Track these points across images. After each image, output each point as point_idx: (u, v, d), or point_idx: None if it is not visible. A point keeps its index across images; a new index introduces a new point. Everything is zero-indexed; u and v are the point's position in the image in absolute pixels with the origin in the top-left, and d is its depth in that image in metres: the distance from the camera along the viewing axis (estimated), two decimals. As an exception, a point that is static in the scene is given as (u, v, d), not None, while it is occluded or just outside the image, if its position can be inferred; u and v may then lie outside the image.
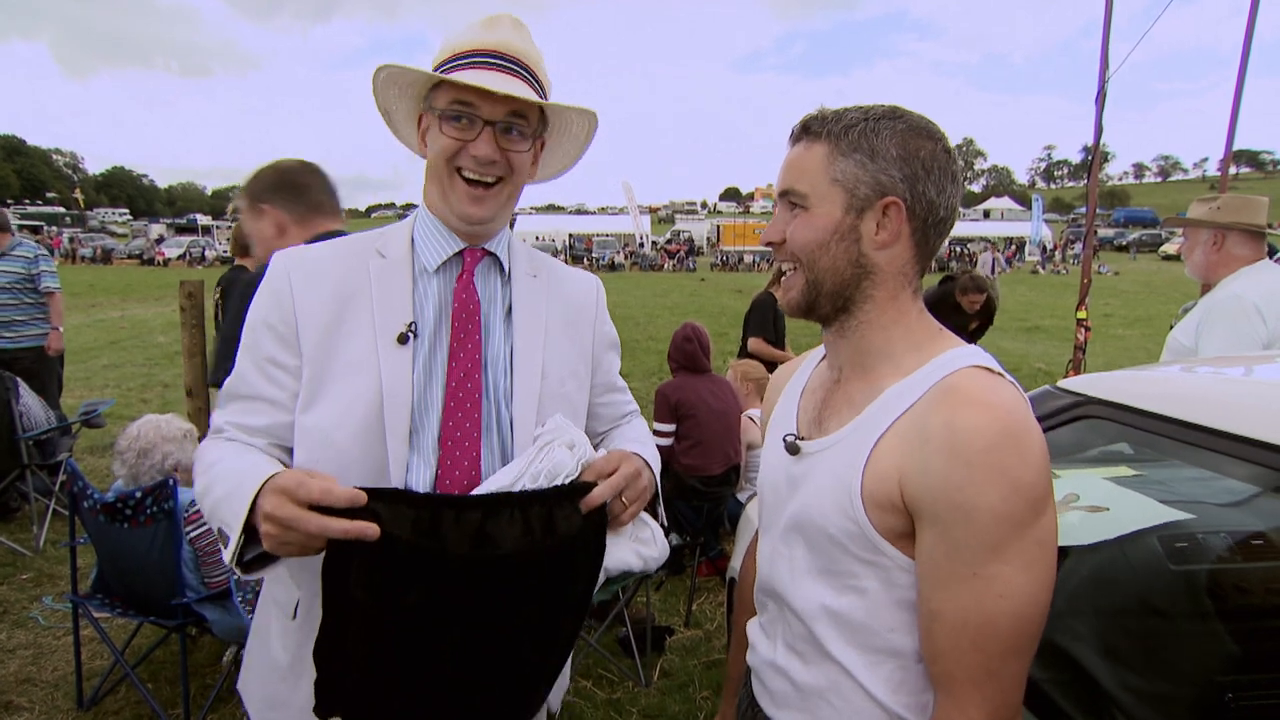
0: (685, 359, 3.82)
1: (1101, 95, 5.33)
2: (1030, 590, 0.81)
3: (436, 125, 1.07)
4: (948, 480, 0.81)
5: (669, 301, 19.08)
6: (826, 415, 1.00)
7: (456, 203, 1.08)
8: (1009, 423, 0.81)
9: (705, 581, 3.88)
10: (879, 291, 0.94)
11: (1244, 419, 1.13)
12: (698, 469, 3.70)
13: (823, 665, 0.96)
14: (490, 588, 1.00)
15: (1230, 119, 5.43)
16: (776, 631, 1.05)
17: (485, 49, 1.06)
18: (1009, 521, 0.79)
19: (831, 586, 0.94)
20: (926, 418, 0.85)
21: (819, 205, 0.92)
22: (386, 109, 1.15)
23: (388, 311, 1.07)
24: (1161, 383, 1.41)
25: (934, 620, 0.85)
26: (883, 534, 0.88)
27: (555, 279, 1.23)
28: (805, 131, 0.95)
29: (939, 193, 0.91)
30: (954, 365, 0.88)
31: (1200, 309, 2.52)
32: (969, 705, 0.83)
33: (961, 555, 0.81)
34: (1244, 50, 5.31)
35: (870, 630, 0.91)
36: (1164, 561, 1.61)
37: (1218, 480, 1.48)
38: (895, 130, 0.90)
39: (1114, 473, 1.76)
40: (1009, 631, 0.81)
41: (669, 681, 3.02)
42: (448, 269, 1.13)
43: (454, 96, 1.04)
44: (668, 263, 36.86)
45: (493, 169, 1.07)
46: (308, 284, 1.07)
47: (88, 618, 2.63)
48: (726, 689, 1.32)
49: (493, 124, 1.05)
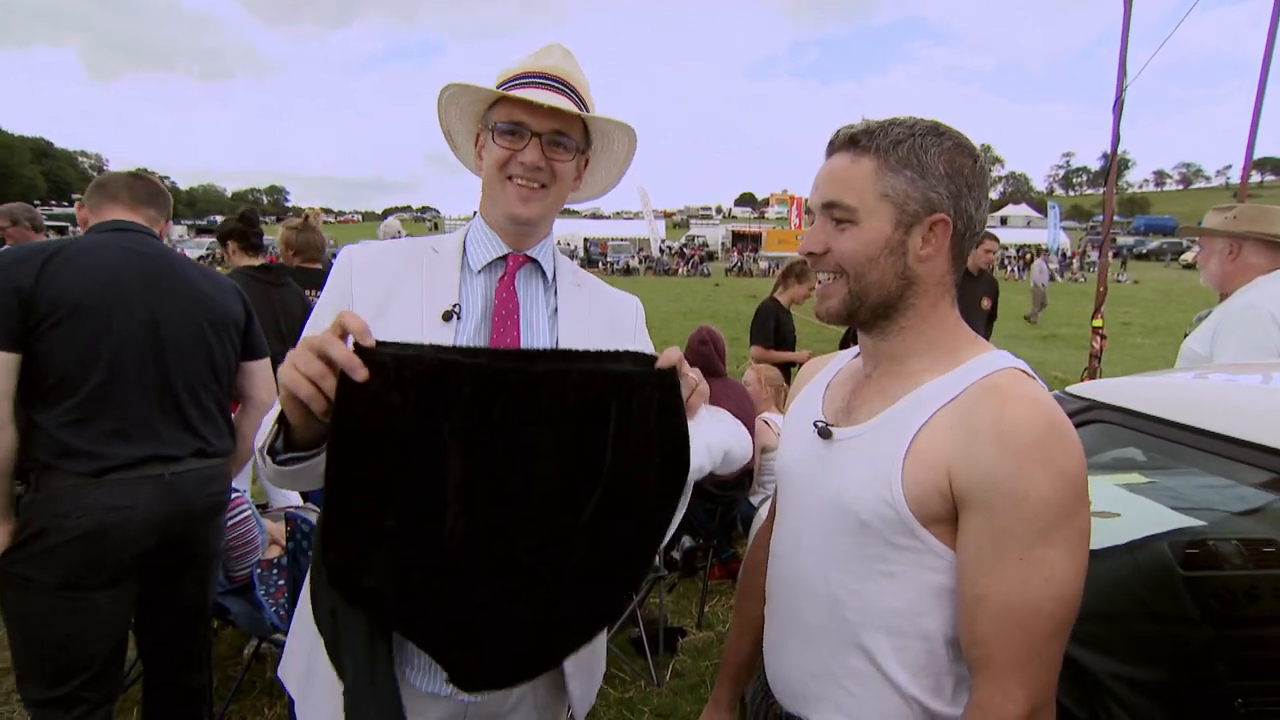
0: (701, 361, 3.84)
1: (1119, 102, 5.30)
2: (1071, 575, 0.85)
3: (491, 139, 1.18)
4: (1000, 469, 0.85)
5: (683, 306, 19.10)
6: (856, 405, 1.03)
7: (505, 204, 1.18)
8: (1054, 418, 0.86)
9: (718, 584, 3.90)
10: (921, 301, 0.98)
11: (1251, 424, 1.15)
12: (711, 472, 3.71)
13: (844, 652, 0.99)
14: (541, 460, 0.89)
15: (1251, 127, 5.39)
16: (795, 619, 1.07)
17: (536, 71, 1.18)
18: (1057, 509, 0.84)
19: (860, 572, 0.97)
20: (973, 413, 0.89)
21: (869, 220, 0.94)
22: (449, 129, 1.28)
23: (434, 294, 1.17)
24: (1169, 388, 1.43)
25: (978, 604, 0.88)
26: (919, 519, 0.91)
27: (598, 292, 1.33)
28: (852, 144, 0.96)
29: (977, 208, 0.96)
30: (993, 366, 0.93)
31: (1215, 318, 2.51)
32: (1013, 686, 0.86)
33: (1009, 541, 0.85)
34: (1265, 58, 5.27)
35: (897, 613, 0.94)
36: (1174, 567, 1.63)
37: (1226, 485, 1.50)
38: (943, 148, 0.93)
39: (1125, 479, 1.78)
40: (1051, 615, 0.85)
41: (681, 682, 3.04)
42: (492, 270, 1.22)
43: (507, 114, 1.15)
44: (682, 267, 36.87)
45: (539, 175, 1.17)
46: (366, 270, 1.18)
47: (115, 608, 2.70)
48: (724, 672, 1.33)
49: (540, 135, 1.15)
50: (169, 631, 2.10)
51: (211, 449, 2.00)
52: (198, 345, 1.98)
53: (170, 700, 2.17)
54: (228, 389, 2.12)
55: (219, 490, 2.04)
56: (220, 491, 2.05)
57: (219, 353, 2.04)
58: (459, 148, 1.31)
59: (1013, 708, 0.85)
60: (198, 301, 1.99)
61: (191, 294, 1.98)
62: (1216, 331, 2.44)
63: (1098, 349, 5.57)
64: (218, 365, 2.04)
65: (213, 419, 2.03)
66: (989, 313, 5.43)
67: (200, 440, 1.97)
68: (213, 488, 2.01)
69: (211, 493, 2.00)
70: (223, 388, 2.09)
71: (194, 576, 2.07)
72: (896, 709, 0.95)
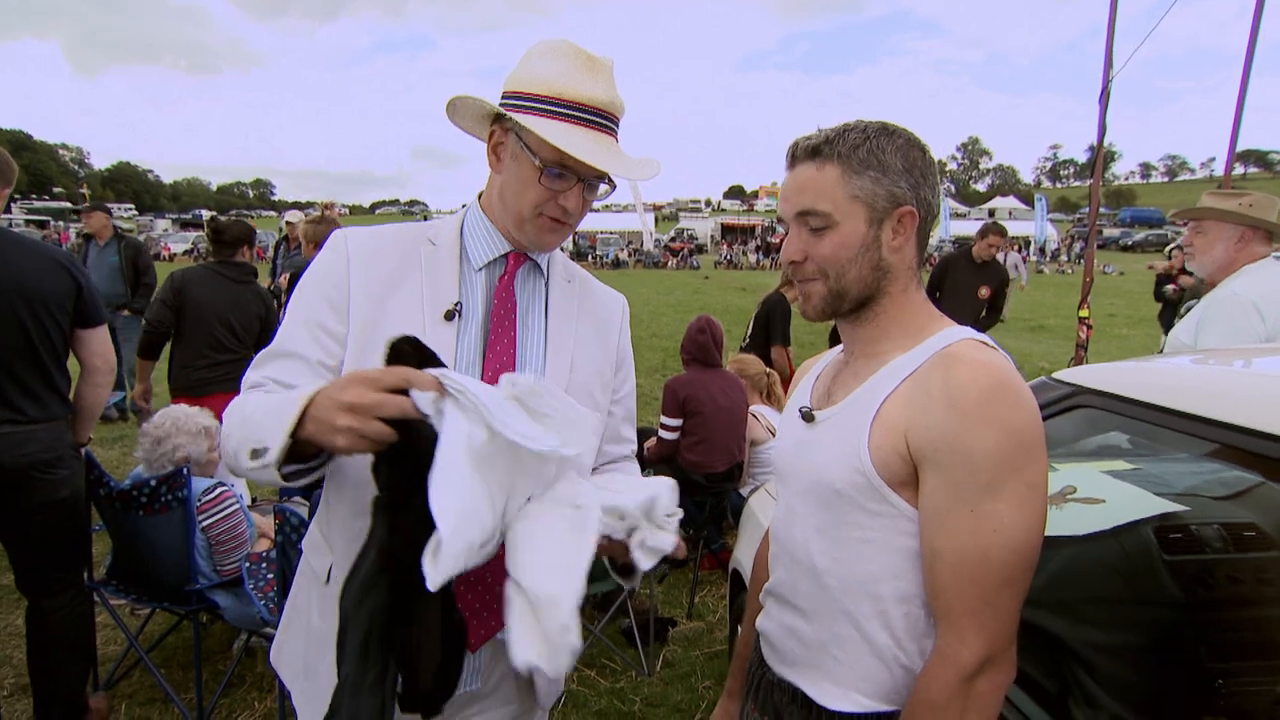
0: (697, 350, 3.85)
1: (1105, 94, 5.34)
2: (1022, 527, 0.90)
3: (532, 168, 1.10)
4: (948, 428, 0.91)
5: (673, 299, 19.10)
6: (835, 389, 1.10)
7: (533, 233, 1.16)
8: (1000, 377, 0.92)
9: (708, 575, 3.92)
10: (893, 287, 1.04)
11: (1233, 407, 1.16)
12: (702, 465, 3.74)
13: (829, 620, 1.04)
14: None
15: (1234, 119, 5.44)
16: (787, 592, 1.12)
17: (590, 105, 1.10)
18: (1004, 463, 0.89)
19: (839, 540, 1.03)
20: (928, 378, 0.95)
21: (845, 222, 1.00)
22: (458, 107, 1.18)
23: (436, 292, 1.15)
24: (1153, 373, 1.44)
25: (935, 558, 0.94)
26: (887, 482, 0.97)
27: (587, 288, 1.33)
28: (814, 154, 1.02)
29: (933, 194, 1.04)
30: (952, 339, 1.00)
31: (1200, 307, 2.54)
32: (967, 633, 0.91)
33: (961, 496, 0.91)
34: (1248, 51, 5.32)
35: (876, 578, 0.99)
36: (1157, 551, 1.65)
37: (1209, 467, 1.52)
38: (896, 145, 1.00)
39: (1110, 465, 1.79)
40: (1001, 564, 0.90)
41: (671, 671, 3.06)
42: (492, 268, 1.20)
43: (559, 156, 1.07)
44: (671, 260, 36.87)
45: (574, 216, 1.16)
46: (364, 258, 1.14)
47: (103, 603, 2.69)
48: (736, 663, 1.38)
49: (584, 180, 1.13)
50: (31, 565, 2.36)
51: (25, 418, 2.20)
52: (8, 321, 2.14)
53: (41, 622, 2.38)
54: (57, 359, 2.29)
55: (35, 449, 2.22)
56: (38, 450, 2.23)
57: (34, 327, 2.19)
58: (463, 120, 1.21)
59: (967, 654, 0.90)
60: (10, 278, 2.14)
61: (4, 273, 2.13)
62: (1201, 320, 2.47)
63: (1084, 339, 5.63)
64: (36, 339, 2.20)
65: (31, 391, 2.22)
66: (987, 301, 5.49)
67: (13, 411, 2.18)
68: (28, 448, 2.21)
69: (26, 452, 2.20)
70: (48, 359, 2.25)
71: (38, 520, 2.28)
72: (879, 671, 1.01)
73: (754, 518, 2.61)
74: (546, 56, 1.11)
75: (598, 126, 1.11)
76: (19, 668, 2.83)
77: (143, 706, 2.68)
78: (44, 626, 2.37)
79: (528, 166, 1.10)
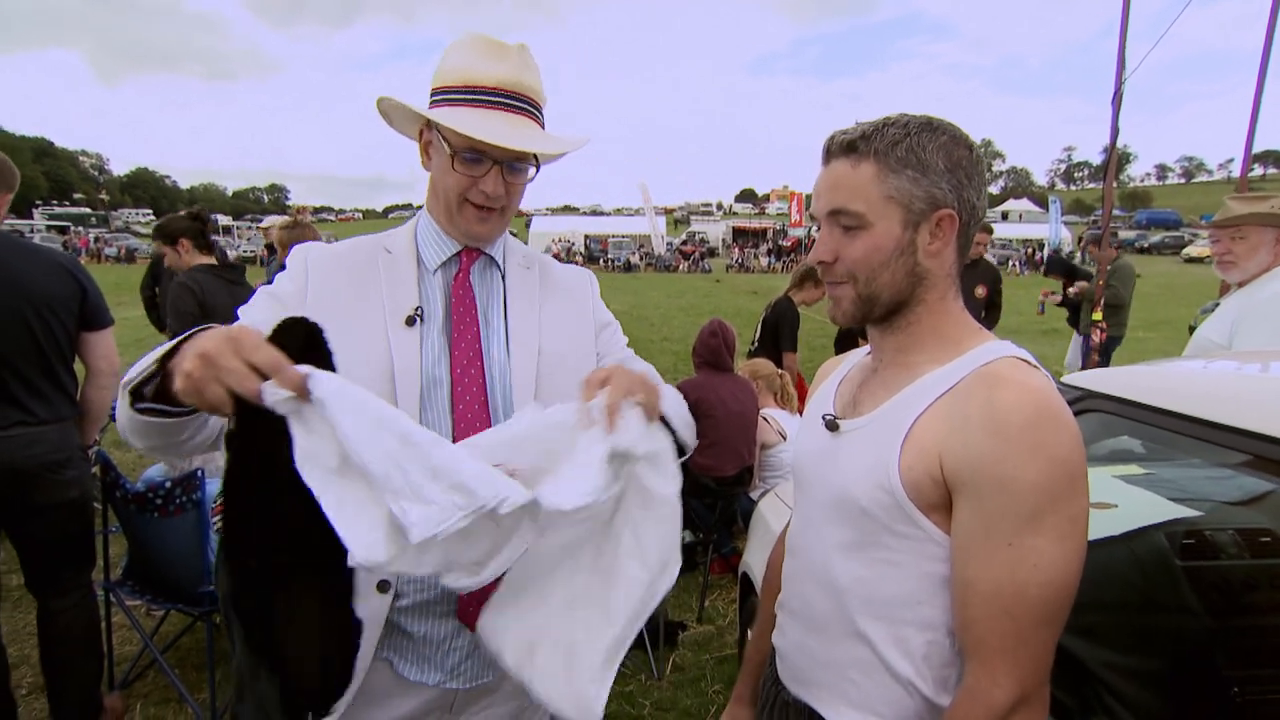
0: (709, 353, 3.85)
1: (1118, 96, 5.30)
2: (1062, 563, 0.84)
3: (447, 158, 1.13)
4: (988, 454, 0.85)
5: (684, 302, 19.08)
6: (862, 398, 1.04)
7: (464, 224, 1.17)
8: (1046, 403, 0.85)
9: (718, 578, 3.91)
10: (930, 295, 0.98)
11: (1246, 413, 1.15)
12: (711, 469, 3.73)
13: (848, 641, 0.99)
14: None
15: (1250, 120, 5.39)
16: (803, 608, 1.08)
17: (494, 88, 1.12)
18: (1045, 494, 0.83)
19: (862, 560, 0.97)
20: (967, 399, 0.89)
21: (879, 223, 0.94)
22: (386, 112, 1.22)
23: (396, 298, 1.16)
24: (1164, 377, 1.43)
25: (968, 589, 0.88)
26: (917, 505, 0.91)
27: (548, 269, 1.33)
28: (849, 150, 0.95)
29: (978, 196, 0.96)
30: (992, 355, 0.93)
31: (1234, 307, 2.49)
32: (999, 672, 0.85)
33: (998, 526, 0.85)
34: (1264, 51, 5.26)
35: (900, 602, 0.94)
36: (1170, 557, 1.63)
37: (1222, 473, 1.50)
38: (939, 142, 0.93)
39: (1122, 470, 1.78)
40: (1039, 600, 0.84)
41: (681, 675, 3.05)
42: (447, 268, 1.22)
43: (468, 142, 1.09)
44: (683, 264, 36.86)
45: (498, 200, 1.16)
46: (323, 271, 1.16)
47: (118, 604, 2.72)
48: (746, 668, 1.34)
49: (501, 164, 1.13)
50: (40, 565, 2.37)
51: (35, 419, 2.23)
52: (17, 325, 2.17)
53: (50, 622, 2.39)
54: (64, 361, 2.31)
55: (45, 450, 2.25)
56: (48, 450, 2.25)
57: (41, 330, 2.22)
58: (399, 126, 1.24)
59: (999, 694, 0.85)
60: (15, 282, 2.16)
61: (8, 276, 2.15)
62: (1239, 321, 2.41)
63: (1097, 343, 5.58)
64: (43, 342, 2.23)
65: (39, 392, 2.24)
66: (984, 300, 5.45)
67: (24, 412, 2.20)
68: (38, 448, 2.23)
69: (36, 452, 2.22)
70: (55, 361, 2.27)
71: (47, 520, 2.29)
72: (899, 698, 0.96)
73: (764, 521, 2.60)
74: (455, 50, 1.16)
75: (509, 108, 1.13)
76: (36, 667, 2.86)
77: (157, 706, 2.71)
78: (53, 626, 2.39)
79: (444, 156, 1.13)
